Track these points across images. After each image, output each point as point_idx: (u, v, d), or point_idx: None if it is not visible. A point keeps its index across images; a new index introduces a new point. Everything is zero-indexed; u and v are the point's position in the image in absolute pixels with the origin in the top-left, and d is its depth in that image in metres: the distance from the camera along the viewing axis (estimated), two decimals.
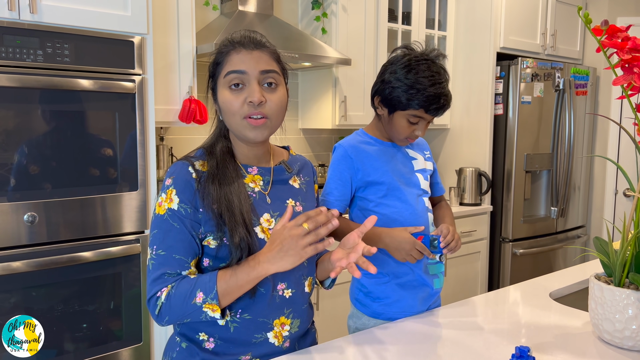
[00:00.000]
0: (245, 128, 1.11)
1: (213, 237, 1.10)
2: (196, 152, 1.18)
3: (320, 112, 3.16)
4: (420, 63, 1.43)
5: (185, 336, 1.17)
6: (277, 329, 1.16)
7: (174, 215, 1.09)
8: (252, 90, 1.09)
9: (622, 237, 1.21)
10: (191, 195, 1.10)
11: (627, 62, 1.10)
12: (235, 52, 1.12)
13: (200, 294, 1.05)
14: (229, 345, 1.14)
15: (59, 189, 1.92)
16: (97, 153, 2.00)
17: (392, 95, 1.45)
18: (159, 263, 1.08)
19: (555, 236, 3.82)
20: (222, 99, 1.13)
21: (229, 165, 1.14)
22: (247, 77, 1.10)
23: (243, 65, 1.10)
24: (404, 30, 3.36)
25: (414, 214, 1.53)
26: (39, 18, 1.84)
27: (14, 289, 1.87)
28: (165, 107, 2.42)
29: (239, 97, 1.10)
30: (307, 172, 1.31)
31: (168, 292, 1.07)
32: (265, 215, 1.15)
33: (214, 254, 1.11)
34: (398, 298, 1.53)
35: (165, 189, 1.11)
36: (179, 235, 1.09)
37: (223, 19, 2.83)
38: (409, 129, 1.49)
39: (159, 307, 1.07)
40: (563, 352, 1.21)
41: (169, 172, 1.13)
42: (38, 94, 1.87)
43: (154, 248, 1.10)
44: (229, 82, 1.11)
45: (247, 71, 1.10)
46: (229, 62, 1.12)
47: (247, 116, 1.10)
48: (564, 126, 3.70)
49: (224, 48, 1.14)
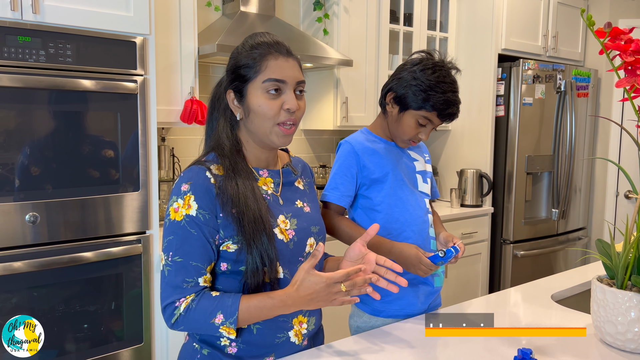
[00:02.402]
0: (276, 134, 1.13)
1: (232, 241, 1.10)
2: (208, 156, 1.17)
3: (322, 113, 3.16)
4: (440, 69, 1.45)
5: (207, 342, 1.16)
6: (297, 327, 1.17)
7: (192, 222, 1.08)
8: (289, 98, 1.11)
9: (624, 239, 1.21)
10: (210, 202, 1.09)
11: (630, 64, 1.10)
12: (273, 58, 1.12)
13: (221, 316, 1.05)
14: (252, 348, 1.14)
15: (60, 189, 1.92)
16: (98, 153, 2.00)
17: (407, 94, 1.46)
18: (175, 270, 1.08)
19: (556, 238, 3.82)
20: (257, 102, 1.12)
21: (244, 169, 1.14)
22: (286, 86, 1.11)
23: (284, 74, 1.11)
24: (405, 32, 3.36)
25: (415, 215, 1.53)
26: (42, 18, 1.84)
27: (15, 289, 1.87)
28: (167, 108, 2.42)
29: (276, 103, 1.11)
30: (306, 174, 1.34)
31: (188, 305, 1.07)
32: (280, 216, 1.16)
33: (233, 258, 1.10)
34: (399, 296, 1.52)
35: (182, 195, 1.10)
36: (197, 242, 1.08)
37: (225, 19, 2.83)
38: (415, 131, 1.49)
39: (176, 317, 1.07)
40: (565, 354, 1.20)
41: (184, 178, 1.11)
42: (40, 94, 1.87)
43: (169, 254, 1.09)
44: (267, 88, 1.11)
45: (287, 81, 1.11)
46: (268, 68, 1.11)
47: (281, 123, 1.12)
48: (565, 128, 3.70)
49: (257, 51, 1.13)
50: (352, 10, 3.08)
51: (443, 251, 1.37)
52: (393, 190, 1.52)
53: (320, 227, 1.26)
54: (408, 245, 1.44)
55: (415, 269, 1.41)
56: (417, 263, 1.40)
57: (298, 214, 1.20)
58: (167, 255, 1.09)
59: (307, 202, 1.26)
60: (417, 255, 1.40)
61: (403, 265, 1.44)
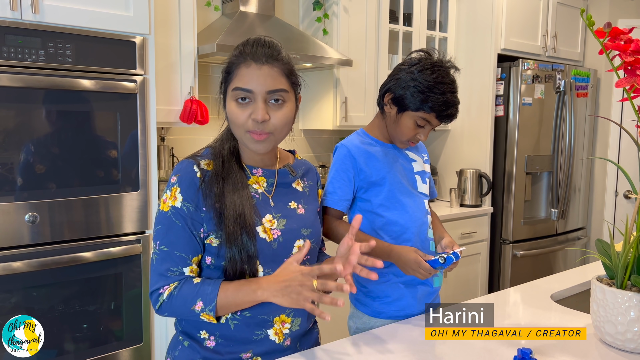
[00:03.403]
0: (248, 140, 1.13)
1: (215, 235, 1.12)
2: (203, 151, 1.20)
3: (321, 113, 3.16)
4: (438, 69, 1.44)
5: (187, 334, 1.19)
6: (278, 326, 1.17)
7: (177, 213, 1.12)
8: (256, 107, 1.10)
9: (624, 239, 1.21)
10: (194, 194, 1.12)
11: (630, 64, 1.10)
12: (245, 66, 1.11)
13: (200, 303, 1.09)
14: (230, 342, 1.15)
15: (60, 189, 1.92)
16: (98, 153, 2.00)
17: (405, 95, 1.45)
18: (162, 258, 1.12)
19: (555, 238, 3.82)
20: (228, 109, 1.14)
21: (234, 166, 1.16)
22: (253, 95, 1.11)
23: (250, 84, 1.10)
24: (405, 32, 3.36)
25: (413, 217, 1.53)
26: (41, 18, 1.84)
27: (14, 289, 1.87)
28: (166, 108, 2.42)
29: (245, 112, 1.11)
30: (311, 177, 1.33)
31: (170, 292, 1.10)
32: (267, 215, 1.16)
33: (216, 252, 1.13)
34: (398, 297, 1.53)
35: (170, 187, 1.14)
36: (181, 233, 1.12)
37: (224, 19, 2.83)
38: (414, 132, 1.49)
39: (160, 303, 1.12)
40: (565, 354, 1.20)
41: (174, 170, 1.16)
42: (40, 94, 1.87)
43: (157, 243, 1.13)
44: (235, 96, 1.12)
45: (253, 90, 1.10)
46: (237, 77, 1.12)
47: (250, 131, 1.12)
48: (564, 128, 3.70)
49: (235, 59, 1.14)
50: (351, 10, 3.08)
51: (443, 257, 1.38)
52: (391, 192, 1.52)
53: (314, 229, 1.24)
54: (407, 248, 1.44)
55: (414, 272, 1.41)
56: (416, 267, 1.40)
57: (289, 214, 1.20)
58: (155, 243, 1.14)
59: (304, 204, 1.25)
60: (416, 259, 1.39)
61: (402, 268, 1.44)
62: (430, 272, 1.39)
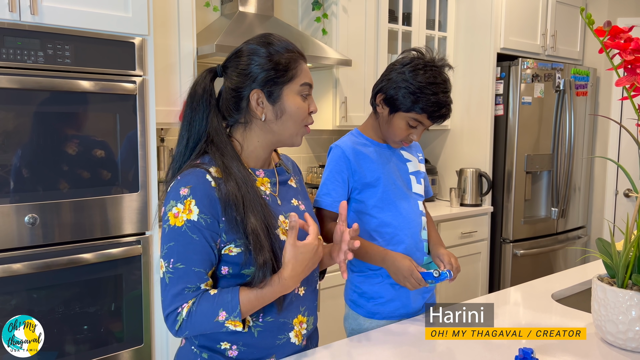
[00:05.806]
0: (301, 134, 1.19)
1: (235, 244, 1.09)
2: (203, 159, 1.14)
3: (321, 113, 3.16)
4: (430, 69, 1.43)
5: (206, 347, 1.15)
6: (297, 327, 1.18)
7: (194, 227, 1.06)
8: (312, 101, 1.20)
9: (625, 238, 1.21)
10: (212, 206, 1.07)
11: (630, 63, 1.10)
12: (304, 62, 1.19)
13: (223, 313, 1.05)
14: (253, 350, 1.14)
15: (59, 191, 1.92)
16: (97, 154, 2.00)
17: (396, 96, 1.44)
18: (177, 277, 1.06)
19: (555, 237, 3.82)
20: (295, 104, 1.15)
21: (244, 171, 1.12)
22: (311, 90, 1.20)
23: (311, 79, 1.19)
24: (404, 31, 3.35)
25: (407, 218, 1.52)
26: (40, 19, 1.83)
27: (14, 291, 1.86)
28: (165, 109, 2.42)
29: (306, 106, 1.18)
30: (296, 172, 1.34)
31: (189, 309, 1.06)
32: (280, 217, 1.16)
33: (236, 261, 1.10)
34: (392, 297, 1.52)
35: (182, 199, 1.07)
36: (199, 247, 1.06)
37: (223, 20, 2.83)
38: (406, 132, 1.48)
39: (180, 323, 1.06)
40: (566, 353, 1.20)
41: (183, 181, 1.09)
42: (39, 96, 1.86)
43: (170, 261, 1.06)
44: (302, 91, 1.16)
45: (312, 86, 1.20)
46: (303, 73, 1.17)
47: (308, 124, 1.19)
48: (564, 127, 3.70)
49: (292, 54, 1.16)
50: (350, 10, 3.08)
51: (438, 271, 1.39)
52: (385, 194, 1.51)
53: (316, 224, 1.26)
54: (402, 256, 1.43)
55: (405, 280, 1.40)
56: (408, 275, 1.39)
57: (295, 212, 1.20)
58: (167, 262, 1.07)
59: (301, 199, 1.27)
60: (410, 267, 1.39)
61: (394, 275, 1.43)
62: (420, 283, 1.39)
